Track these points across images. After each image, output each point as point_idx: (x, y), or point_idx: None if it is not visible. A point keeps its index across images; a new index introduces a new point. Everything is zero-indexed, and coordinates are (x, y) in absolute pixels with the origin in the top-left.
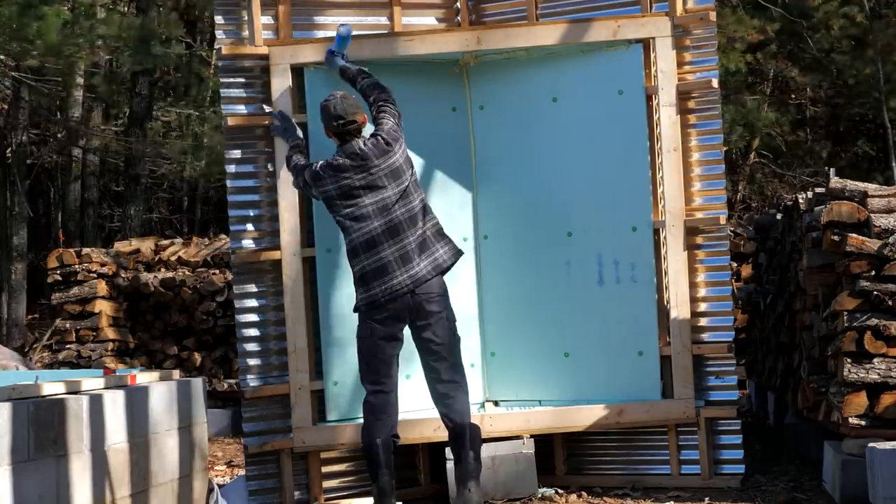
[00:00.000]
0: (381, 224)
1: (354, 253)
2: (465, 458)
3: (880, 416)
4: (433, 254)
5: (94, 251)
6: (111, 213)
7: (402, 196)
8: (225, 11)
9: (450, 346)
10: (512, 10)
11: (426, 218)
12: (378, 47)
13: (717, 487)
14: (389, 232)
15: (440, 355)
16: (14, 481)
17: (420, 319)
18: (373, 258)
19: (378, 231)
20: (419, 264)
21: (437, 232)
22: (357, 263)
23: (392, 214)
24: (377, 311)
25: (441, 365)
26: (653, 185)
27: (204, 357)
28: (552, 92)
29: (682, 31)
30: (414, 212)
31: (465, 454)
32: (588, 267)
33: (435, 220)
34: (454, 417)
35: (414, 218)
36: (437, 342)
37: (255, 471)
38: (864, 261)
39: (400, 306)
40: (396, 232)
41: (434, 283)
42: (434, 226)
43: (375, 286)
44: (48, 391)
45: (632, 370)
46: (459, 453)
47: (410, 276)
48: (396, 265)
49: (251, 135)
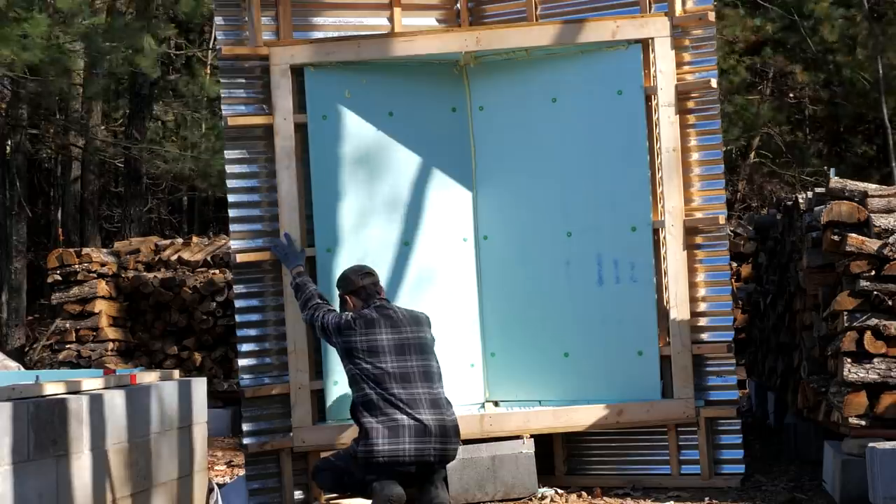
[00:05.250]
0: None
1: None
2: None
3: (880, 416)
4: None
5: (94, 251)
6: (111, 213)
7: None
8: (225, 12)
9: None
10: (512, 11)
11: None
12: (378, 47)
13: (717, 487)
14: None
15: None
16: (14, 481)
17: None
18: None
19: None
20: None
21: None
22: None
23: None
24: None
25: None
26: (652, 185)
27: (204, 357)
28: (552, 92)
29: (682, 31)
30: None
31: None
32: (588, 267)
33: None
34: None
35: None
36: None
37: (255, 471)
38: (864, 261)
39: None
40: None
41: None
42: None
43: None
44: (48, 391)
45: (632, 370)
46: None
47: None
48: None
49: (251, 135)
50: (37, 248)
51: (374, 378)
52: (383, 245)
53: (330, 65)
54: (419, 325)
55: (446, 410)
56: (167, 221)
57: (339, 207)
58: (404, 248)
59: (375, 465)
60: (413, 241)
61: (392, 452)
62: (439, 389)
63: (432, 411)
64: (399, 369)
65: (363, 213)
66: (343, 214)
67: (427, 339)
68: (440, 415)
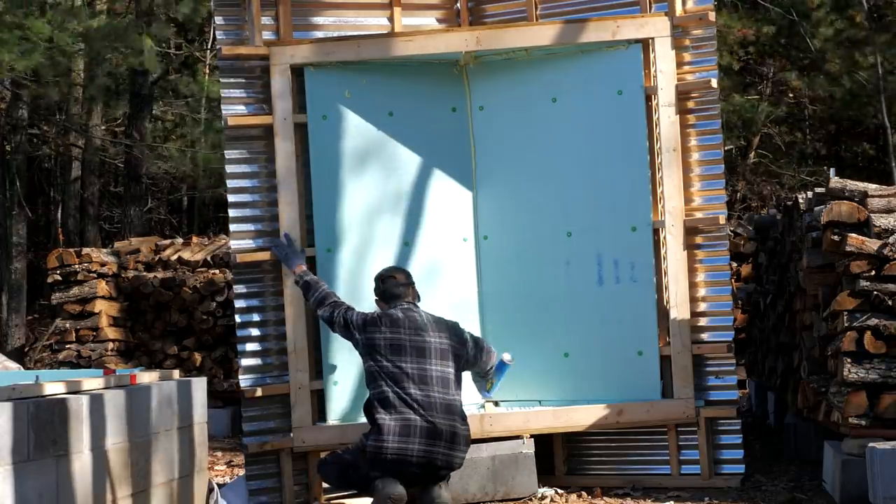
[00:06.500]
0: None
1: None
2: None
3: (880, 416)
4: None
5: (94, 251)
6: (111, 213)
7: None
8: (225, 12)
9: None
10: (512, 10)
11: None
12: (378, 47)
13: (717, 487)
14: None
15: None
16: (14, 481)
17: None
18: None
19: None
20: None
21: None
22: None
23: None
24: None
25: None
26: (652, 185)
27: (204, 357)
28: (552, 92)
29: (682, 31)
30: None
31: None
32: (588, 267)
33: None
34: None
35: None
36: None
37: (255, 471)
38: (864, 261)
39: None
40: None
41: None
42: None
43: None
44: (48, 391)
45: (632, 370)
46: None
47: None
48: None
49: (251, 135)
50: (37, 248)
51: (393, 376)
52: (383, 245)
53: (330, 65)
54: (444, 331)
55: (460, 419)
56: (167, 221)
57: (340, 207)
58: (404, 248)
59: (382, 461)
60: (413, 240)
61: (400, 451)
62: (455, 396)
63: (445, 416)
64: (418, 371)
65: (363, 213)
66: (343, 214)
67: (449, 346)
68: (453, 421)
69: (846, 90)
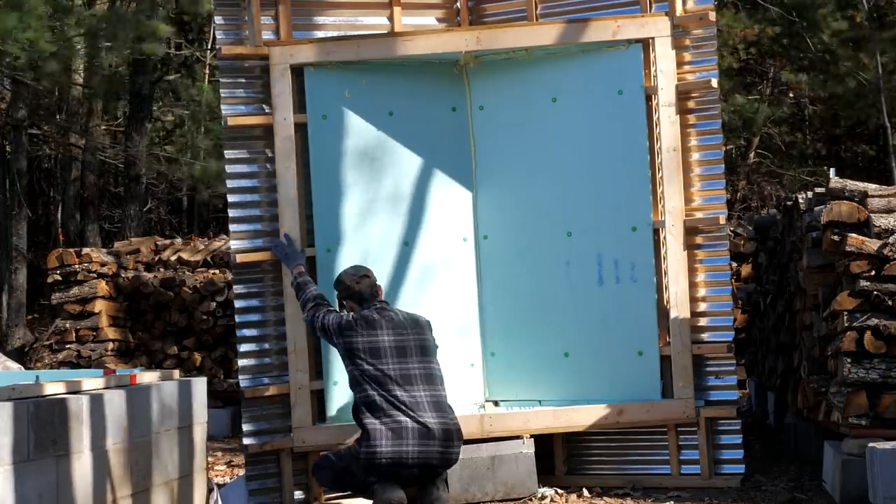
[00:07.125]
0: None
1: None
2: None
3: (880, 416)
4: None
5: (94, 251)
6: (111, 213)
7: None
8: (225, 11)
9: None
10: (512, 10)
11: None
12: (378, 47)
13: (717, 487)
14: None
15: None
16: (14, 481)
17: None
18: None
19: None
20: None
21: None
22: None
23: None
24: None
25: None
26: (652, 185)
27: (204, 357)
28: (552, 92)
29: (682, 31)
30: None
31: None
32: (588, 267)
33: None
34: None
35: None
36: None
37: (255, 471)
38: (864, 261)
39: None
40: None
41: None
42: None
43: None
44: (48, 391)
45: (632, 370)
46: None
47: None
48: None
49: (251, 135)
50: (37, 248)
51: (376, 379)
52: (383, 245)
53: (330, 64)
54: (420, 327)
55: (449, 414)
56: (167, 221)
57: (340, 207)
58: (404, 248)
59: (378, 466)
60: (413, 240)
61: (395, 454)
62: (441, 392)
63: (435, 414)
64: (400, 371)
65: (363, 212)
66: (343, 214)
67: (428, 342)
68: (443, 418)
69: (849, 90)
